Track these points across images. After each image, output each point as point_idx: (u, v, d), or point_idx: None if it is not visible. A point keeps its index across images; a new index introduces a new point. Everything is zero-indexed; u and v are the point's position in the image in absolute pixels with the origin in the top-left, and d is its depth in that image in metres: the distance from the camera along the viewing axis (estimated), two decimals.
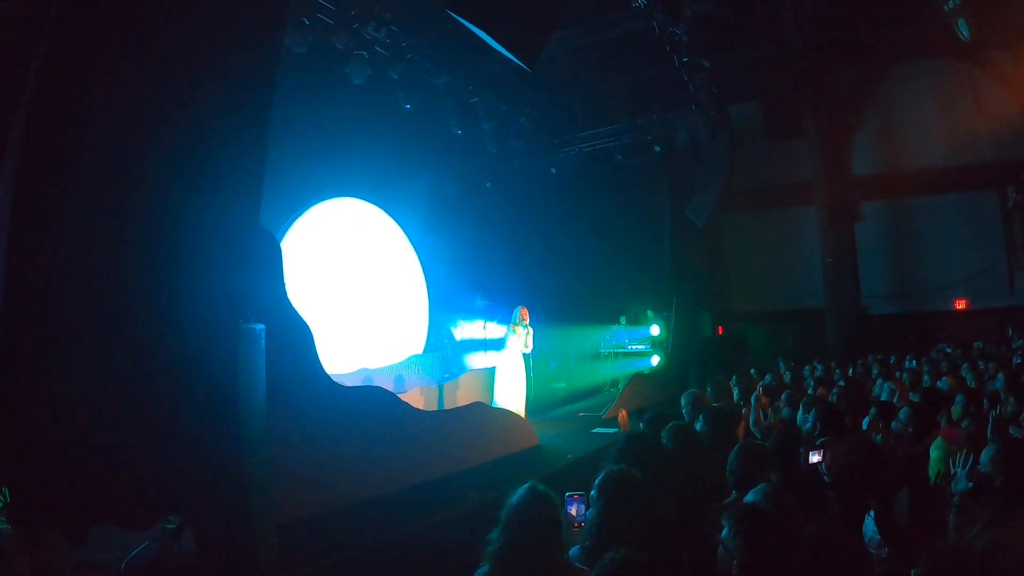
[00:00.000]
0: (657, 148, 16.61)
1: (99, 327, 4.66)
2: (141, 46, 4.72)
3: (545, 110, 16.40)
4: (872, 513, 3.45)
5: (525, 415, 11.53)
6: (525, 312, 11.76)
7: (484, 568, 2.94)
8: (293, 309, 6.21)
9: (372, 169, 13.45)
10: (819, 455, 4.41)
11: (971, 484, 3.57)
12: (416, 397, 11.02)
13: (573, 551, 3.10)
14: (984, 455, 3.72)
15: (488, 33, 6.42)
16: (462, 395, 11.61)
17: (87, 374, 4.62)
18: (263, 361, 4.81)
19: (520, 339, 11.54)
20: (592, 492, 3.31)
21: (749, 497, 3.35)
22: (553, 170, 17.24)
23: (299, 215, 12.14)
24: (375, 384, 10.45)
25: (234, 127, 4.90)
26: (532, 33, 6.78)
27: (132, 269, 4.71)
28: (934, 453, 4.15)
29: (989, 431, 6.00)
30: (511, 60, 7.08)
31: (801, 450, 4.55)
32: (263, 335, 4.80)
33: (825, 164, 20.10)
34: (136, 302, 4.71)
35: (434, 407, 11.02)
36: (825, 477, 4.31)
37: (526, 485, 3.07)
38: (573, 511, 3.35)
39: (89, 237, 4.67)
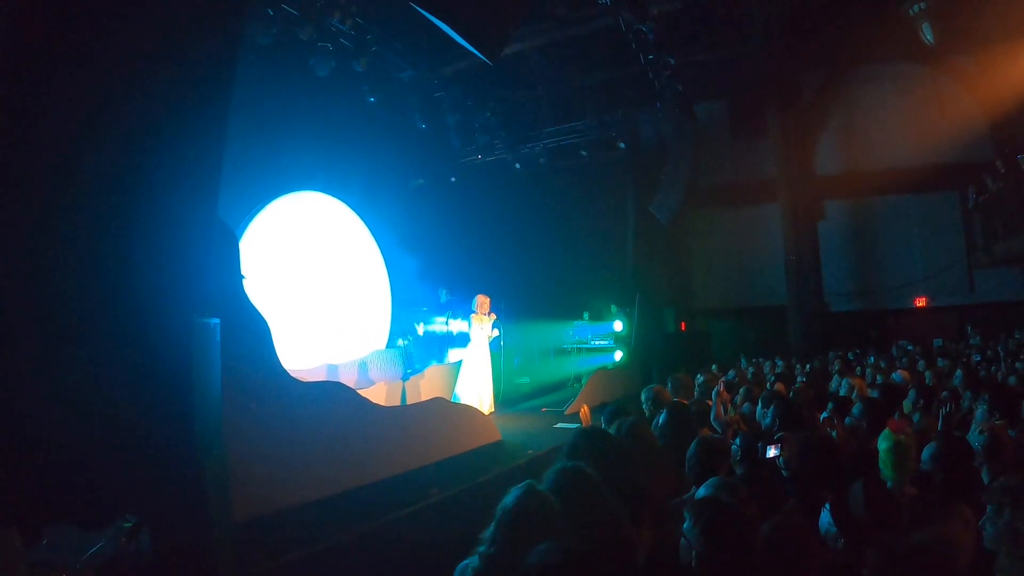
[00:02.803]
0: (622, 145, 16.71)
1: (50, 323, 4.58)
2: (95, 34, 4.63)
3: (510, 105, 16.44)
4: (828, 506, 3.47)
5: (494, 408, 11.53)
6: (484, 300, 11.69)
7: (473, 562, 2.89)
8: (250, 303, 6.14)
9: (335, 163, 13.37)
10: (776, 449, 4.46)
11: None
12: (379, 392, 10.96)
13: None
14: (925, 453, 3.77)
15: (451, 26, 6.40)
16: (427, 390, 11.56)
17: (38, 371, 4.54)
18: (219, 356, 4.74)
19: (483, 328, 11.50)
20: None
21: (701, 491, 3.37)
22: (518, 165, 17.22)
23: (261, 209, 12.01)
24: (338, 379, 10.41)
25: (191, 118, 4.82)
26: (495, 27, 6.76)
27: (84, 263, 4.63)
28: (882, 445, 4.20)
29: (939, 426, 6.10)
30: (474, 54, 7.06)
31: (760, 445, 4.59)
32: (218, 329, 4.73)
33: (789, 163, 20.31)
34: (88, 296, 4.63)
35: (397, 403, 10.95)
36: (783, 471, 4.35)
37: (523, 484, 3.03)
38: None
39: (40, 231, 4.59)
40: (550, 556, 2.38)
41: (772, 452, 4.47)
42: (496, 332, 11.73)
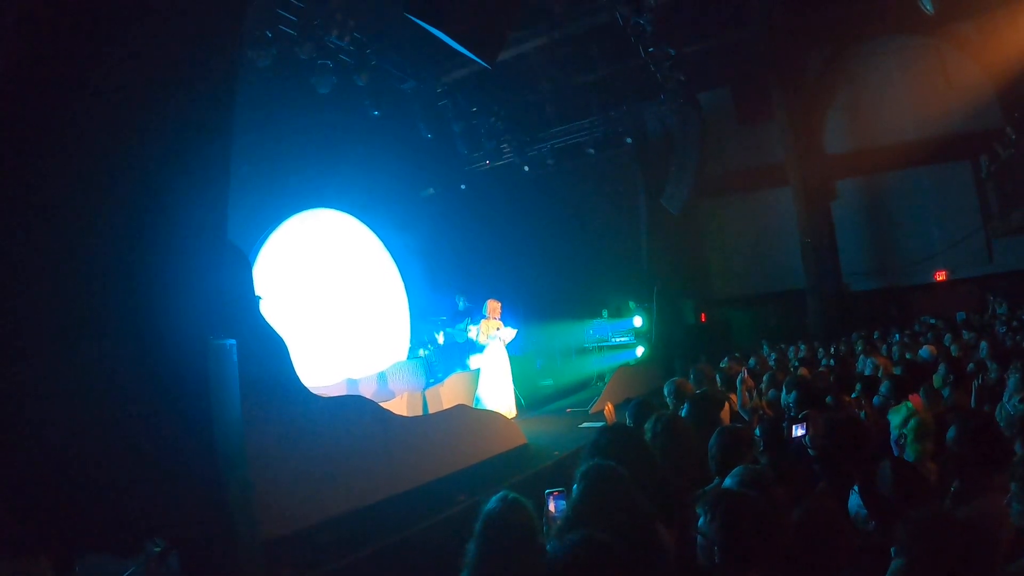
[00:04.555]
0: (629, 139, 16.64)
1: (69, 350, 4.61)
2: (97, 66, 4.67)
3: (514, 108, 16.41)
4: (856, 488, 3.43)
5: (516, 411, 11.47)
6: (495, 304, 11.64)
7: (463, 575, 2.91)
8: (266, 323, 6.16)
9: (344, 178, 13.42)
10: (802, 428, 4.41)
11: None
12: (401, 403, 10.96)
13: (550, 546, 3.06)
14: (949, 435, 3.71)
15: (446, 33, 6.40)
16: (448, 398, 11.54)
17: (60, 400, 4.56)
18: (236, 376, 4.76)
19: (492, 333, 11.44)
20: (574, 486, 3.27)
21: (727, 482, 3.33)
22: (526, 168, 17.21)
23: (273, 229, 12.07)
24: (359, 393, 10.41)
25: (196, 143, 4.86)
26: (491, 31, 6.76)
27: (98, 292, 4.66)
28: (895, 420, 4.16)
29: (973, 400, 6.04)
30: (473, 59, 7.06)
31: (784, 424, 4.54)
32: (235, 350, 4.74)
33: (797, 145, 20.18)
34: (105, 324, 4.66)
35: (419, 413, 10.95)
36: (809, 450, 4.30)
37: (499, 494, 3.04)
38: (552, 508, 3.31)
39: (54, 258, 4.61)
40: (579, 549, 2.36)
41: (798, 431, 4.42)
42: (510, 333, 11.64)
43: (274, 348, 6.16)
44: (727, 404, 6.57)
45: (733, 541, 2.61)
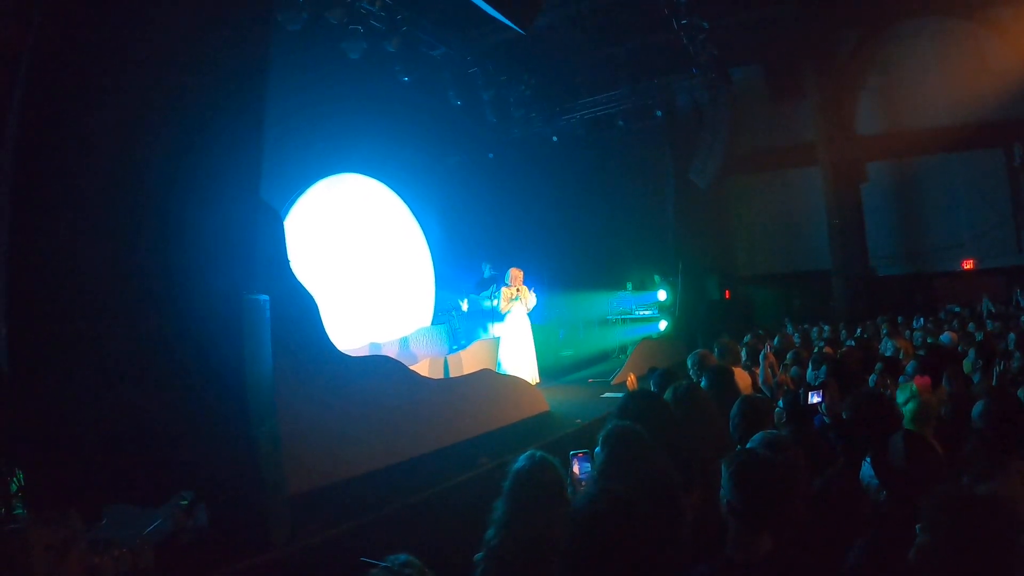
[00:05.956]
0: (659, 112, 16.48)
1: (105, 306, 4.72)
2: (135, 27, 4.76)
3: (544, 78, 16.31)
4: (868, 458, 3.46)
5: (538, 379, 11.53)
6: (517, 273, 11.64)
7: (490, 533, 2.98)
8: (297, 281, 6.24)
9: (373, 144, 13.44)
10: (818, 395, 4.43)
11: None
12: (423, 368, 11.04)
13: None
14: (975, 411, 3.74)
15: None
16: (470, 365, 11.62)
17: (95, 354, 4.67)
18: (268, 332, 4.84)
19: (517, 301, 11.46)
20: (596, 448, 3.35)
21: (748, 445, 3.37)
22: (555, 138, 17.18)
23: (302, 193, 12.14)
24: None
25: (231, 104, 4.93)
26: None
27: (135, 248, 4.76)
28: (899, 398, 4.18)
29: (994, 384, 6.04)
30: (507, 26, 7.06)
31: (801, 391, 4.56)
32: (267, 306, 4.82)
33: (828, 125, 19.98)
34: (141, 279, 4.77)
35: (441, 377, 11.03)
36: (825, 418, 4.33)
37: (526, 453, 3.11)
38: (576, 469, 3.38)
39: (92, 218, 4.72)
40: (597, 502, 2.42)
41: (815, 399, 4.44)
42: (532, 299, 11.62)
43: (305, 307, 6.25)
44: (749, 379, 6.61)
45: (744, 499, 2.64)
